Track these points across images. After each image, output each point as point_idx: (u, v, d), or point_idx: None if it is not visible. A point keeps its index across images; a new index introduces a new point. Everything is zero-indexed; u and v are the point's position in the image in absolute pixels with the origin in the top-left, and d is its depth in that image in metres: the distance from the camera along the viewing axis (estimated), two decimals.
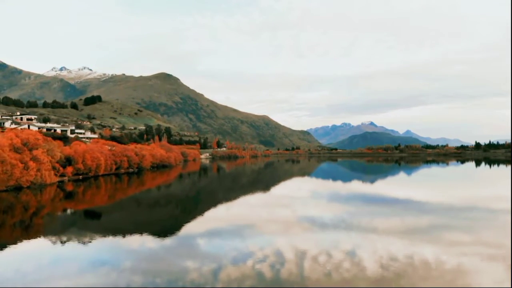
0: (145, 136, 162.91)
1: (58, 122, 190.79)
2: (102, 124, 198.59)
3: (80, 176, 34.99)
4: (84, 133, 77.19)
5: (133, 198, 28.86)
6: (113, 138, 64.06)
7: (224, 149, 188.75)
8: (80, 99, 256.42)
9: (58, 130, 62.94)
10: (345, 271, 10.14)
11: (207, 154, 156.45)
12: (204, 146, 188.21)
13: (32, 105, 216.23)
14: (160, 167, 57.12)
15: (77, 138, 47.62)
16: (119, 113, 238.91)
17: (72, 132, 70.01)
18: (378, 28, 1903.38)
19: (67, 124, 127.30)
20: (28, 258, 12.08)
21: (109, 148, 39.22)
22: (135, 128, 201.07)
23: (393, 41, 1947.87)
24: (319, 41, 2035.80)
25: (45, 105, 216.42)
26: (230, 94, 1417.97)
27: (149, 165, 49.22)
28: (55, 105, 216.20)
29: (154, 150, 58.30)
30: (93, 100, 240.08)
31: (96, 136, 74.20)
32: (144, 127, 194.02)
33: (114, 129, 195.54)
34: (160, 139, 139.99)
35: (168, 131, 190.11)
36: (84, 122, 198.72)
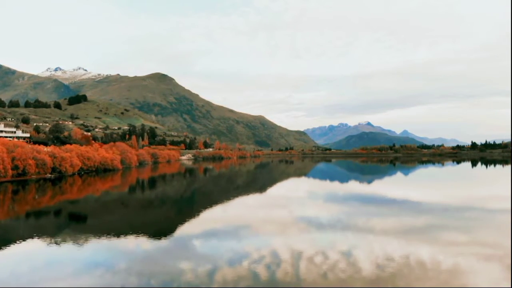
0: (127, 136, 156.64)
1: (38, 122, 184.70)
2: (85, 124, 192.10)
3: None
4: (14, 132, 70.04)
5: None
6: (57, 138, 57.53)
7: (210, 149, 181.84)
8: (65, 99, 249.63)
9: None
10: (341, 272, 9.98)
11: (190, 155, 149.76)
12: (190, 146, 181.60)
13: (14, 105, 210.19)
14: (101, 171, 50.37)
15: None
16: (105, 112, 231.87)
17: None
18: (375, 28, 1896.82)
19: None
20: (23, 259, 12.02)
21: (8, 149, 32.47)
22: (119, 128, 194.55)
23: (391, 41, 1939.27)
24: (315, 41, 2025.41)
25: (27, 104, 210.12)
26: (226, 95, 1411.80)
27: (76, 169, 42.38)
28: (38, 104, 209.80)
29: (97, 152, 51.62)
30: (78, 99, 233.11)
31: (28, 135, 67.66)
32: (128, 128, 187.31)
33: (97, 129, 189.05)
34: (137, 140, 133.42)
35: (152, 131, 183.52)
36: (66, 122, 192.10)
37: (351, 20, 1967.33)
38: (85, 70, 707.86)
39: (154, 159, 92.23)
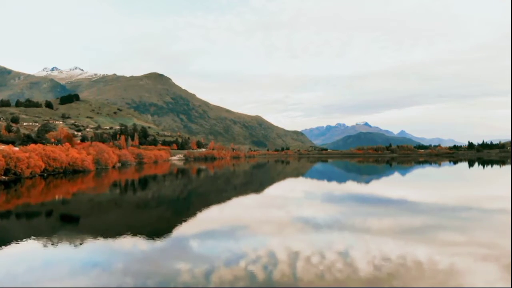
0: (118, 136, 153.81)
1: (28, 122, 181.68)
2: (76, 123, 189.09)
3: None
4: None
5: None
6: (29, 137, 55.00)
7: (203, 150, 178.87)
8: (57, 98, 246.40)
9: None
10: (338, 272, 9.98)
11: (181, 156, 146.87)
12: (182, 146, 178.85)
13: (5, 104, 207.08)
14: (70, 172, 47.33)
15: None
16: (97, 112, 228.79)
17: None
18: (372, 28, 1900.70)
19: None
20: (19, 259, 11.60)
21: None
22: (110, 128, 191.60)
23: (387, 41, 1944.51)
24: (312, 41, 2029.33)
25: (18, 104, 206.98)
26: (223, 95, 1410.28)
27: (37, 170, 39.37)
28: (29, 104, 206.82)
29: (66, 152, 48.64)
30: (70, 99, 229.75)
31: None
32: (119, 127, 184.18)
33: (88, 129, 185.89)
34: (126, 139, 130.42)
35: (144, 131, 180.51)
36: (56, 122, 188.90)
37: (347, 20, 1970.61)
38: (82, 70, 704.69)
39: (139, 159, 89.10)
